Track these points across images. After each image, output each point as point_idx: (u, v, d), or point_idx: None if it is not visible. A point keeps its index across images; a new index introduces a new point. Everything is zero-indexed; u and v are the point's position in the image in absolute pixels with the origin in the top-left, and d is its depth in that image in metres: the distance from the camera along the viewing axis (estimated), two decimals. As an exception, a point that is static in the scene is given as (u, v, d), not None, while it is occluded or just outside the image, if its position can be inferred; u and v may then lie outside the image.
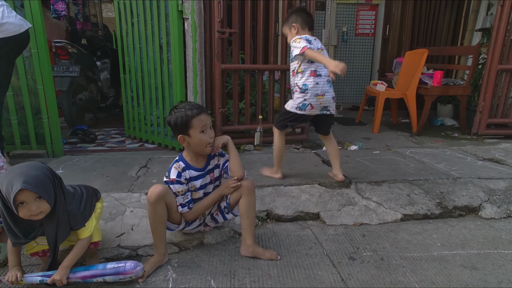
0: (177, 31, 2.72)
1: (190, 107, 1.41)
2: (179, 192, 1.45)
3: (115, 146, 3.21)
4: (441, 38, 4.81)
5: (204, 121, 1.41)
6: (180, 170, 1.46)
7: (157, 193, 1.37)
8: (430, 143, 3.32)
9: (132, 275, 1.31)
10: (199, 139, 1.41)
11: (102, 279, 1.29)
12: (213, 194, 1.54)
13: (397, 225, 1.82)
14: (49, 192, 1.17)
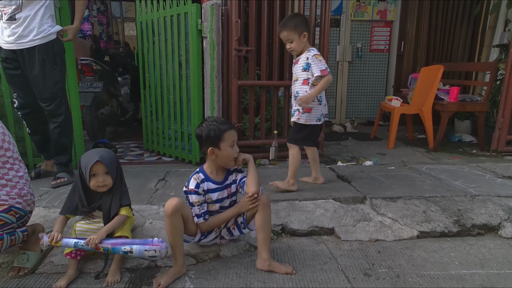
0: (196, 49, 2.84)
1: (221, 122, 1.51)
2: (196, 202, 1.50)
3: (134, 159, 3.32)
4: (457, 54, 4.80)
5: (234, 136, 1.51)
6: (199, 181, 1.52)
7: (174, 206, 1.42)
8: (447, 159, 3.28)
9: (157, 248, 1.39)
10: (227, 153, 1.49)
11: (130, 248, 1.40)
12: (231, 210, 1.58)
13: (413, 242, 1.81)
14: (114, 171, 1.52)
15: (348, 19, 4.99)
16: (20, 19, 2.18)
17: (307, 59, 2.12)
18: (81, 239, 1.42)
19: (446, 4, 4.69)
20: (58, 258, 1.57)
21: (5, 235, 1.39)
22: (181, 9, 2.88)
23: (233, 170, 1.60)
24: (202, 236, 1.59)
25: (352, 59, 5.14)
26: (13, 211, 1.46)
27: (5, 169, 1.47)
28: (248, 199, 1.51)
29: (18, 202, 1.49)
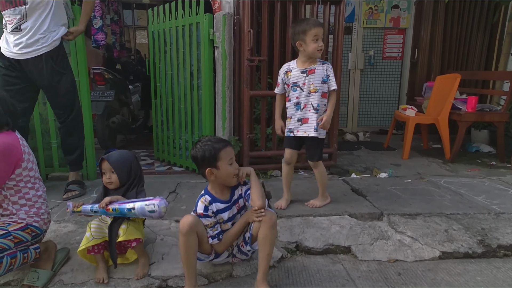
0: (207, 59, 2.82)
1: (216, 141, 1.45)
2: (208, 225, 1.47)
3: (144, 168, 3.29)
4: (473, 62, 4.67)
5: (230, 153, 1.45)
6: (207, 204, 1.47)
7: (189, 224, 1.37)
8: (465, 171, 3.16)
9: (155, 202, 1.46)
10: (226, 171, 1.44)
11: (133, 204, 1.47)
12: (240, 221, 1.53)
13: (435, 264, 1.72)
14: (122, 172, 1.57)
15: (360, 26, 4.92)
16: (26, 29, 2.14)
17: (326, 70, 2.06)
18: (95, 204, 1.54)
19: (462, 10, 4.58)
20: (68, 277, 1.53)
21: (18, 253, 1.38)
22: (193, 19, 2.87)
23: (237, 184, 1.55)
24: (216, 255, 1.54)
25: (364, 67, 5.06)
26: (30, 229, 1.45)
27: (27, 188, 1.47)
28: (255, 213, 1.45)
29: (35, 220, 1.49)
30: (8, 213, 1.44)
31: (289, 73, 2.12)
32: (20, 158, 1.42)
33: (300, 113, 2.09)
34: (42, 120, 2.72)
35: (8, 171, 1.39)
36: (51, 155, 2.77)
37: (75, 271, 1.56)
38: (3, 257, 1.32)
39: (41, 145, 2.73)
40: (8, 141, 1.39)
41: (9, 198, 1.43)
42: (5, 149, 1.36)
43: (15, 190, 1.44)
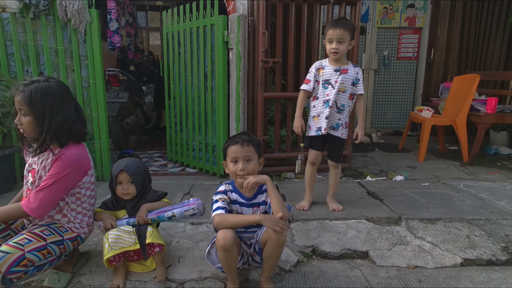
0: (221, 60, 2.81)
1: (235, 137, 1.49)
2: (220, 198, 1.47)
3: (158, 170, 3.32)
4: (492, 62, 4.55)
5: (235, 153, 1.45)
6: (228, 189, 1.52)
7: (231, 239, 1.33)
8: (484, 174, 3.08)
9: (194, 206, 1.55)
10: (229, 168, 1.49)
11: (172, 213, 1.55)
12: (251, 216, 1.43)
13: (457, 271, 1.67)
14: (139, 182, 1.59)
15: (374, 26, 4.85)
16: None
17: (356, 73, 2.03)
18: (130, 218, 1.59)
19: (480, 9, 4.46)
20: (86, 278, 1.54)
21: (56, 260, 1.41)
22: (207, 20, 2.87)
23: (264, 189, 1.53)
24: None
25: (378, 67, 4.98)
26: (77, 241, 1.49)
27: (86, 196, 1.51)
28: (277, 222, 1.35)
29: (84, 232, 1.53)
30: (66, 220, 1.47)
31: (321, 70, 2.07)
32: (88, 167, 1.48)
33: (327, 111, 2.04)
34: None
35: (77, 180, 1.43)
36: (68, 156, 2.81)
37: (93, 272, 1.57)
38: (46, 264, 1.35)
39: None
40: (81, 152, 1.44)
41: (70, 205, 1.47)
42: (78, 160, 1.40)
43: (76, 197, 1.47)
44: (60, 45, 2.62)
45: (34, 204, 1.32)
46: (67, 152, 1.37)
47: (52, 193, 1.34)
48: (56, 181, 1.34)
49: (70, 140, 1.41)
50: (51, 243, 1.35)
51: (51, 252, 1.34)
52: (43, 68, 2.67)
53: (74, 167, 1.38)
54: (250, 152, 1.46)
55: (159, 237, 1.56)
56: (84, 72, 2.69)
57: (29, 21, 2.56)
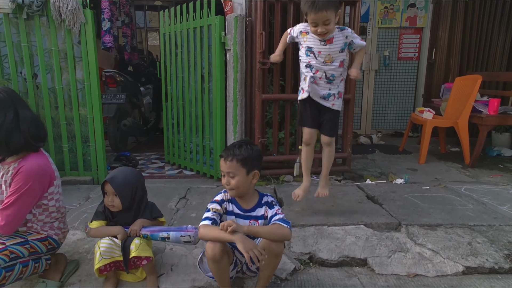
0: (219, 61, 2.77)
1: (227, 148, 1.44)
2: (212, 208, 1.42)
3: (155, 172, 3.28)
4: (494, 62, 4.48)
5: (223, 167, 1.41)
6: (226, 199, 1.46)
7: (221, 250, 1.29)
8: (486, 177, 3.02)
9: (191, 234, 1.51)
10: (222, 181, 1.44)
11: (167, 234, 1.50)
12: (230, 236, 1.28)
13: (459, 280, 1.62)
14: (125, 195, 1.49)
15: (375, 26, 4.79)
16: None
17: (345, 37, 1.87)
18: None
19: (482, 8, 4.40)
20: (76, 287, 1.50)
21: (30, 262, 1.37)
22: (204, 21, 2.82)
23: (264, 203, 1.48)
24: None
25: (379, 68, 4.93)
26: (48, 242, 1.45)
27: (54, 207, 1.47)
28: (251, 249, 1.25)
29: (56, 234, 1.49)
30: (31, 231, 1.43)
31: (305, 35, 1.91)
32: (53, 177, 1.43)
33: (312, 74, 1.92)
34: (54, 124, 2.73)
35: (43, 192, 1.39)
36: (63, 159, 2.77)
37: (83, 281, 1.53)
38: (16, 264, 1.30)
39: (52, 149, 2.73)
40: (42, 162, 1.38)
41: (37, 216, 1.43)
42: (40, 171, 1.36)
43: (43, 208, 1.43)
44: (54, 46, 2.58)
45: (2, 222, 1.30)
46: (26, 164, 1.32)
47: (17, 209, 1.31)
48: (19, 197, 1.30)
49: (9, 152, 1.34)
50: (12, 244, 1.31)
51: (15, 252, 1.30)
52: (37, 70, 2.63)
53: (36, 179, 1.33)
54: (233, 168, 1.38)
55: (148, 249, 1.50)
56: (79, 73, 2.65)
57: (23, 21, 2.52)
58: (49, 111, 2.68)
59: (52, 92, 2.68)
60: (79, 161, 2.78)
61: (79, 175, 2.79)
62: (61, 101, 2.67)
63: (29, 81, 2.61)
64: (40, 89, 2.66)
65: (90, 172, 2.80)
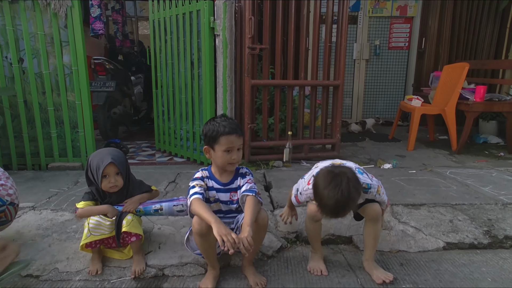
0: (208, 47, 2.76)
1: (226, 124, 1.38)
2: (197, 184, 1.41)
3: (145, 159, 3.28)
4: (483, 51, 4.54)
5: (232, 142, 1.37)
6: (205, 176, 1.47)
7: (207, 224, 1.27)
8: (472, 162, 3.08)
9: (183, 202, 1.53)
10: (220, 157, 1.39)
11: (160, 205, 1.53)
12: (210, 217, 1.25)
13: (439, 254, 1.67)
14: (124, 172, 1.52)
15: (366, 15, 4.81)
16: None
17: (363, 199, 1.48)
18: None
19: (471, -2, 4.44)
20: (63, 265, 1.51)
21: None
22: (193, 6, 2.81)
23: (240, 174, 1.50)
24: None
25: (370, 57, 4.96)
26: None
27: None
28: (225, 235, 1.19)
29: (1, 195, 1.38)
30: None
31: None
32: None
33: None
34: (41, 110, 2.71)
35: None
36: (51, 145, 2.76)
37: (71, 259, 1.54)
38: None
39: (41, 135, 2.72)
40: None
41: None
42: None
43: None
44: (40, 30, 2.55)
45: None
46: None
47: None
48: None
49: None
50: None
51: None
52: (23, 54, 2.60)
53: None
54: (241, 142, 1.41)
55: (138, 227, 1.52)
56: (66, 58, 2.63)
57: (7, 4, 2.48)
58: (36, 96, 2.65)
59: (39, 77, 2.66)
60: (68, 147, 2.77)
61: (68, 161, 2.78)
62: (48, 87, 2.65)
63: (15, 65, 2.58)
64: (27, 74, 2.63)
65: (79, 158, 2.79)
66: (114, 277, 1.47)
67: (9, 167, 2.75)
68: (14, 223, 1.79)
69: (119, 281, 1.45)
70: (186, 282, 1.46)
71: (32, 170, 2.75)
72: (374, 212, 1.47)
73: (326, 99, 3.08)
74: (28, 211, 1.92)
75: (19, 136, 2.73)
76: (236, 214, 1.51)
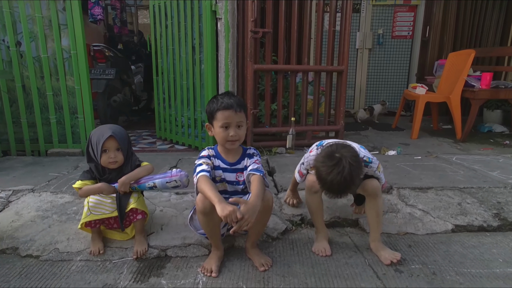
0: (210, 31, 2.70)
1: (225, 100, 1.34)
2: (204, 162, 1.37)
3: (146, 147, 3.23)
4: (488, 39, 4.47)
5: (228, 118, 1.32)
6: (211, 155, 1.43)
7: (210, 202, 1.24)
8: (477, 150, 3.04)
9: (176, 178, 1.46)
10: (218, 133, 1.36)
11: (153, 183, 1.47)
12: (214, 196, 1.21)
13: (447, 237, 1.63)
14: (125, 148, 1.47)
15: (369, 3, 4.73)
16: None
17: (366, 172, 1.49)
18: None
19: (476, -15, 4.37)
20: (63, 245, 1.48)
21: None
22: (194, -11, 2.75)
23: (247, 154, 1.46)
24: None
25: (373, 46, 4.89)
26: None
27: None
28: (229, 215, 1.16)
29: None
30: None
31: None
32: None
33: None
34: (40, 95, 2.65)
35: None
36: (50, 130, 2.71)
37: (71, 240, 1.51)
38: None
39: (39, 121, 2.67)
40: None
41: None
42: None
43: None
44: (38, 13, 2.49)
45: None
46: None
47: None
48: None
49: None
50: None
51: None
52: (21, 38, 2.54)
53: None
54: (242, 118, 1.36)
55: (145, 205, 1.49)
56: (64, 41, 2.57)
57: (4, -14, 2.42)
58: (34, 81, 2.60)
59: (37, 61, 2.60)
60: (67, 133, 2.72)
61: (67, 147, 2.73)
62: (46, 71, 2.59)
63: (12, 49, 2.53)
64: (25, 58, 2.58)
65: (79, 144, 2.74)
66: (116, 257, 1.44)
67: (8, 153, 2.71)
68: (13, 205, 1.76)
69: (121, 261, 1.41)
70: (190, 263, 1.42)
71: (31, 156, 2.71)
72: (372, 187, 1.47)
73: (330, 86, 3.03)
74: (27, 193, 1.88)
75: (18, 121, 2.68)
76: (242, 195, 1.46)
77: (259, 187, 1.29)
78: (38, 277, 1.30)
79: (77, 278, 1.30)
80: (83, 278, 1.30)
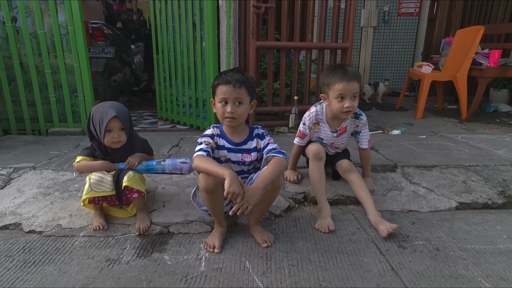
0: (211, 7, 2.61)
1: (227, 75, 1.31)
2: (204, 141, 1.35)
3: (147, 127, 3.21)
4: (497, 16, 4.33)
5: (225, 93, 1.29)
6: (215, 134, 1.40)
7: (213, 180, 1.23)
8: (483, 130, 3.00)
9: (185, 159, 1.56)
10: (217, 109, 1.34)
11: (162, 161, 1.53)
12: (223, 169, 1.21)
13: (451, 214, 1.62)
14: (128, 127, 1.45)
15: (375, -21, 4.56)
16: None
17: (356, 126, 1.74)
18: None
19: (487, -41, 4.19)
20: (66, 222, 1.48)
21: None
22: (194, -39, 2.64)
23: (255, 135, 1.43)
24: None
25: (378, 24, 4.75)
26: None
27: None
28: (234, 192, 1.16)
29: None
30: None
31: (317, 126, 1.74)
32: None
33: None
34: (38, 73, 2.61)
35: None
36: (50, 110, 2.68)
37: (74, 216, 1.50)
38: None
39: (39, 99, 2.63)
40: None
41: None
42: None
43: None
44: (33, -14, 2.41)
45: None
46: None
47: None
48: None
49: None
50: None
51: None
52: (16, 13, 2.47)
53: None
54: (242, 95, 1.31)
55: (140, 183, 1.47)
56: (61, 17, 2.50)
57: (-3, -42, 2.33)
58: (32, 58, 2.55)
59: (34, 38, 2.54)
60: (68, 112, 2.69)
61: (68, 127, 2.71)
62: (44, 48, 2.53)
63: (8, 24, 2.46)
64: (21, 34, 2.52)
65: (79, 123, 2.72)
66: (118, 233, 1.44)
67: (9, 132, 2.69)
68: (15, 182, 1.76)
69: (124, 237, 1.42)
70: (192, 239, 1.42)
71: (32, 135, 2.69)
72: (345, 164, 1.70)
73: (334, 64, 2.95)
74: (29, 171, 1.87)
75: (17, 100, 2.65)
76: (248, 175, 1.44)
77: (270, 172, 1.27)
78: (41, 252, 1.31)
79: (80, 253, 1.30)
80: (86, 253, 1.30)
